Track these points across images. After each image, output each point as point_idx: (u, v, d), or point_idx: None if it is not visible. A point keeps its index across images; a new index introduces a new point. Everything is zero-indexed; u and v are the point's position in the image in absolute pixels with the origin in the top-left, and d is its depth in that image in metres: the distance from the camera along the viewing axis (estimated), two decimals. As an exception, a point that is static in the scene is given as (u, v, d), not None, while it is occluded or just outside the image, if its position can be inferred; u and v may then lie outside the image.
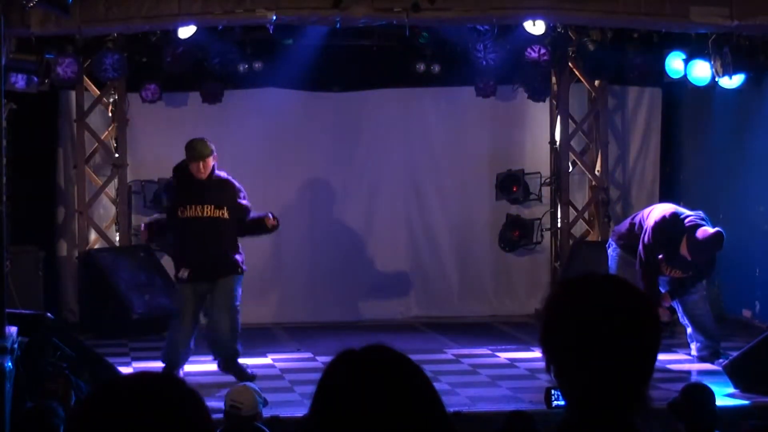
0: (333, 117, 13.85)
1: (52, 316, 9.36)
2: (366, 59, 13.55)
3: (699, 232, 10.04)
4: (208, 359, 10.88)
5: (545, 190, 14.10)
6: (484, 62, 13.01)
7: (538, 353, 2.60)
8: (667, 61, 12.94)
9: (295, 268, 13.75)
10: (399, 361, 2.32)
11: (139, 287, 12.55)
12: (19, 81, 11.67)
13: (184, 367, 10.44)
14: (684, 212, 10.31)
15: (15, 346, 8.05)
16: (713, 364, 10.44)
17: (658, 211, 10.36)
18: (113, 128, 13.33)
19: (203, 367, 10.61)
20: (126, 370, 9.66)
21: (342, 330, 12.77)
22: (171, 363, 10.12)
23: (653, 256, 10.24)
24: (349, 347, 2.34)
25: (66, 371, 8.14)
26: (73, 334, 9.53)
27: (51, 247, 13.09)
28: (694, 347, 10.77)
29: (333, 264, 13.81)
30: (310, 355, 11.43)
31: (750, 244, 12.70)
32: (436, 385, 2.33)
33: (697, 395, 6.82)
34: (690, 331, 10.75)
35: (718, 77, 11.92)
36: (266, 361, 11.15)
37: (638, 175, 14.26)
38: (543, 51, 12.88)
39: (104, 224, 13.40)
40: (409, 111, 13.98)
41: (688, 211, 10.40)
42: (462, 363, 11.10)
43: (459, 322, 13.55)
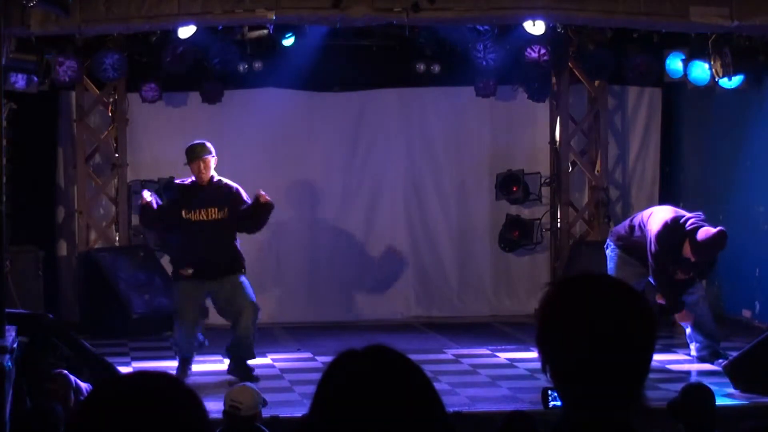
0: (333, 117, 13.84)
1: (52, 316, 9.37)
2: (366, 59, 13.55)
3: (701, 233, 10.03)
4: (207, 359, 10.89)
5: (545, 190, 14.09)
6: (484, 62, 13.01)
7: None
8: (667, 61, 12.95)
9: (295, 268, 13.74)
10: (399, 361, 2.32)
11: (139, 287, 12.55)
12: (19, 81, 11.66)
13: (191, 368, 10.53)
14: (684, 215, 10.29)
15: (15, 346, 8.05)
16: (713, 365, 10.43)
17: (659, 218, 10.32)
18: (113, 128, 13.32)
19: (203, 367, 10.62)
20: (126, 370, 9.65)
21: (342, 330, 12.77)
22: (183, 356, 10.31)
23: (664, 263, 10.23)
24: (350, 347, 2.34)
25: (66, 371, 8.13)
26: (73, 334, 9.51)
27: (51, 247, 13.08)
28: (693, 347, 10.76)
29: (333, 264, 13.80)
30: (310, 355, 11.43)
31: (750, 244, 12.69)
32: (436, 385, 2.33)
33: (696, 395, 6.82)
34: (689, 332, 10.74)
35: (718, 77, 11.92)
36: (266, 361, 11.15)
37: (638, 175, 14.25)
38: (543, 51, 12.87)
39: (104, 224, 13.41)
40: (409, 111, 13.97)
41: (687, 213, 10.40)
42: (462, 363, 11.09)
43: (459, 322, 13.54)
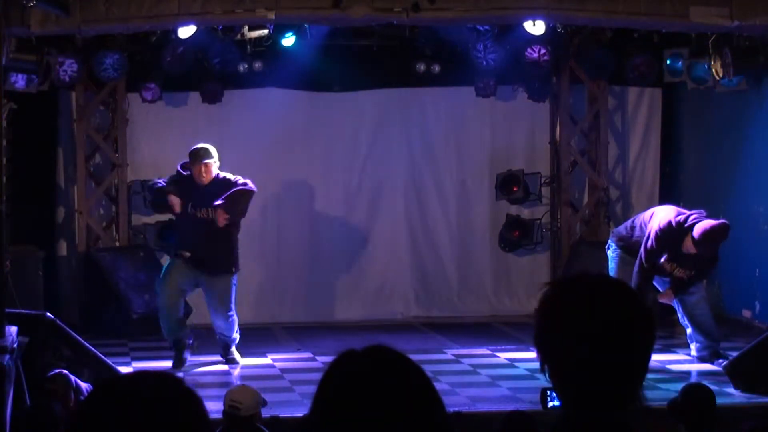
0: (333, 117, 13.84)
1: (52, 316, 9.37)
2: (366, 59, 13.54)
3: (703, 225, 10.04)
4: (207, 359, 10.89)
5: (545, 190, 14.09)
6: (484, 62, 13.01)
7: (537, 353, 2.60)
8: (667, 61, 12.95)
9: (295, 268, 13.73)
10: (400, 361, 2.32)
11: (139, 287, 12.54)
12: (19, 81, 11.67)
13: (188, 354, 10.60)
14: (685, 213, 10.30)
15: (15, 346, 8.05)
16: (713, 365, 10.44)
17: (661, 217, 10.32)
18: (113, 128, 13.32)
19: (203, 367, 10.62)
20: (126, 370, 9.65)
21: (342, 330, 12.76)
22: (174, 338, 10.57)
23: (654, 260, 10.24)
24: (350, 347, 2.34)
25: (66, 371, 8.14)
26: (73, 334, 9.51)
27: (51, 247, 13.08)
28: (693, 348, 10.77)
29: (333, 264, 13.80)
30: (310, 355, 11.43)
31: (750, 244, 12.69)
32: (436, 385, 2.33)
33: (697, 395, 6.82)
34: (690, 332, 10.75)
35: (718, 77, 11.92)
36: (266, 361, 11.15)
37: (638, 175, 14.25)
38: (543, 51, 12.87)
39: (104, 224, 13.40)
40: (409, 111, 13.97)
41: (688, 211, 10.40)
42: (462, 363, 11.10)
43: (459, 322, 13.54)
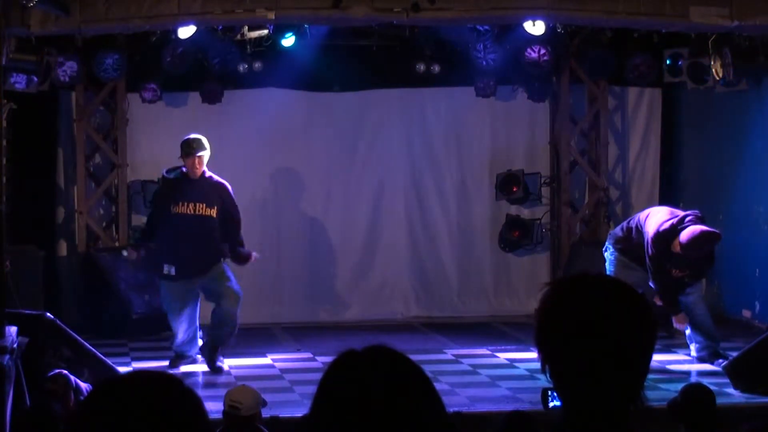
0: (333, 117, 13.83)
1: (52, 316, 9.37)
2: (366, 59, 13.54)
3: (686, 233, 10.01)
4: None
5: (545, 190, 14.09)
6: (484, 62, 13.02)
7: (537, 353, 2.60)
8: (667, 61, 12.95)
9: (295, 268, 13.73)
10: (400, 361, 2.32)
11: (139, 287, 12.54)
12: (19, 81, 11.67)
13: (189, 364, 10.61)
14: (679, 214, 10.27)
15: (15, 346, 8.05)
16: (713, 365, 10.44)
17: (655, 220, 10.30)
18: (113, 128, 13.32)
19: (203, 367, 10.61)
20: (126, 370, 9.65)
21: (342, 330, 12.77)
22: (180, 351, 10.59)
23: (661, 264, 10.23)
24: (350, 347, 2.34)
25: (66, 371, 8.14)
26: (73, 334, 9.51)
27: (51, 247, 13.07)
28: (693, 348, 10.76)
29: (333, 264, 13.80)
30: (310, 355, 11.43)
31: (750, 244, 12.69)
32: (436, 385, 2.33)
33: (696, 396, 6.82)
34: (689, 332, 10.74)
35: (718, 77, 11.92)
36: (266, 361, 11.15)
37: (638, 175, 14.25)
38: (543, 51, 12.87)
39: (104, 224, 13.40)
40: (409, 111, 13.96)
41: (683, 211, 10.38)
42: (462, 363, 11.10)
43: (459, 322, 13.54)
